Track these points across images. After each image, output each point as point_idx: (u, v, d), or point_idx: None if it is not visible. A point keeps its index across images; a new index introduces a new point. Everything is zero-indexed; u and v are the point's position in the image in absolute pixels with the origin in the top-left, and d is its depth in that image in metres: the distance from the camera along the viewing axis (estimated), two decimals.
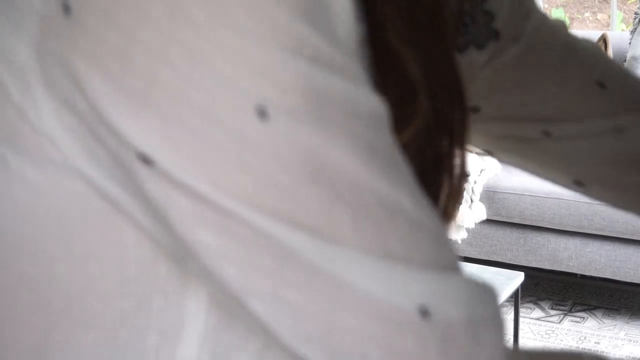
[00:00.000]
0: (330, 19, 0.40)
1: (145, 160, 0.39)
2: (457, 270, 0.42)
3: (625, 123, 0.70)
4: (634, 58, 3.15)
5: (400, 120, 0.44)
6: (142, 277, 0.44)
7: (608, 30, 3.91)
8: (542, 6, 3.85)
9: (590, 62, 0.71)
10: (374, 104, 0.40)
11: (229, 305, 0.44)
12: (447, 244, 0.42)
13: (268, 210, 0.38)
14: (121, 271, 0.44)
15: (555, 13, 5.38)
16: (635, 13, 3.28)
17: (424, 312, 0.40)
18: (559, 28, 0.71)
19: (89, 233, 0.44)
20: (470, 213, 3.04)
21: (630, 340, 2.96)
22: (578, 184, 0.73)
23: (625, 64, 3.18)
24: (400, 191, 0.40)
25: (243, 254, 0.39)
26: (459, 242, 3.11)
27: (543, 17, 0.70)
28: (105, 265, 0.44)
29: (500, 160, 0.77)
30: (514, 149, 0.72)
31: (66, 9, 0.39)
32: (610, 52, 3.16)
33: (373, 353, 0.40)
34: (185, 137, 0.38)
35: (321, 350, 0.41)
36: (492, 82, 0.68)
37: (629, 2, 5.41)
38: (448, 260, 0.42)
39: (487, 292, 0.43)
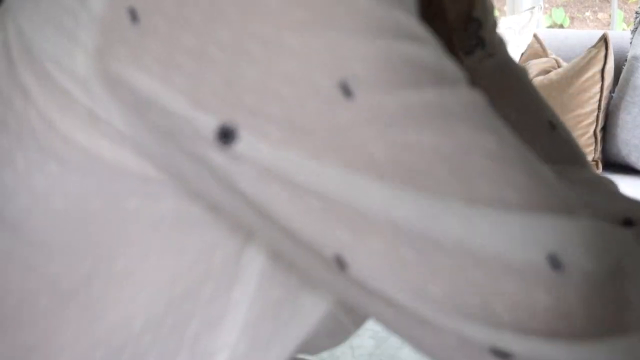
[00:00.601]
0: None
1: (226, 138, 0.39)
2: (586, 213, 0.39)
3: (563, 172, 0.69)
4: (634, 58, 3.13)
5: None
6: (198, 266, 0.45)
7: (609, 29, 3.89)
8: (542, 6, 3.83)
9: (543, 101, 0.72)
10: (456, 68, 0.40)
11: (276, 296, 0.44)
12: (565, 188, 0.40)
13: (373, 180, 0.37)
14: (178, 261, 0.45)
15: (556, 12, 5.36)
16: (636, 12, 3.26)
17: (556, 263, 0.37)
18: (515, 61, 0.73)
19: (155, 234, 0.44)
20: None
21: None
22: None
23: (626, 64, 3.16)
24: (503, 142, 0.39)
25: (355, 217, 0.38)
26: None
27: (505, 45, 0.73)
28: (163, 257, 0.45)
29: None
30: None
31: (133, 17, 0.38)
32: (610, 52, 3.14)
33: (501, 310, 0.37)
34: (270, 128, 0.38)
35: (443, 310, 0.38)
36: None
37: (630, 1, 5.40)
38: (572, 202, 0.39)
39: (625, 234, 0.40)
